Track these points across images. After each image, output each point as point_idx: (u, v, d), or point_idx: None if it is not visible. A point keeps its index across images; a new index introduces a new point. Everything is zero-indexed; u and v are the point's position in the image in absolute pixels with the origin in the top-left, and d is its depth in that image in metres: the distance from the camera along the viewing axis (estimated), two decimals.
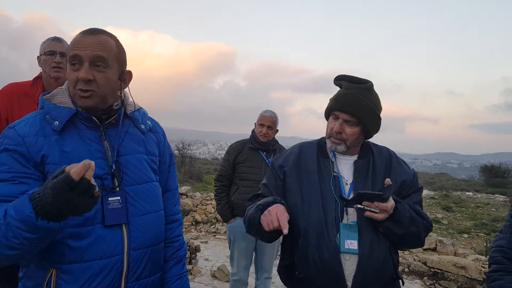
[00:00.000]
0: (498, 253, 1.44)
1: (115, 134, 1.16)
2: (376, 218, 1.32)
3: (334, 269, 1.33)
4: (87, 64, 1.06)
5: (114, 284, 1.08)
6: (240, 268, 2.96)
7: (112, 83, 1.12)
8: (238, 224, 2.94)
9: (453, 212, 9.60)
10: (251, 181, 2.90)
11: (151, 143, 1.25)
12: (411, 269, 4.97)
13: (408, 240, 1.40)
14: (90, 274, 1.05)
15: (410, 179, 1.48)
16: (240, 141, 3.16)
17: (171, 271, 1.26)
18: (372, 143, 1.58)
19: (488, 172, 19.44)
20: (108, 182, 1.11)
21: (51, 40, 2.20)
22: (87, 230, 1.06)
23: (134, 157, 1.17)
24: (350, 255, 1.34)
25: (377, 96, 1.47)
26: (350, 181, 1.45)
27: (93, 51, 1.06)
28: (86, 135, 1.12)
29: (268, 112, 3.03)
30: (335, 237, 1.35)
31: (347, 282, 1.33)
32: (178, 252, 1.29)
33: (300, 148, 1.56)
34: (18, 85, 2.20)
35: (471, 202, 11.33)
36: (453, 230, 7.71)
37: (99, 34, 1.10)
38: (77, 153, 1.08)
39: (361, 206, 1.31)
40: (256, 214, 1.35)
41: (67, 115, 1.10)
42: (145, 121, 1.26)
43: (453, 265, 4.63)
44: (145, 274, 1.15)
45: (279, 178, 1.50)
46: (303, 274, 1.38)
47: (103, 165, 1.11)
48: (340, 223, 1.37)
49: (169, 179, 1.31)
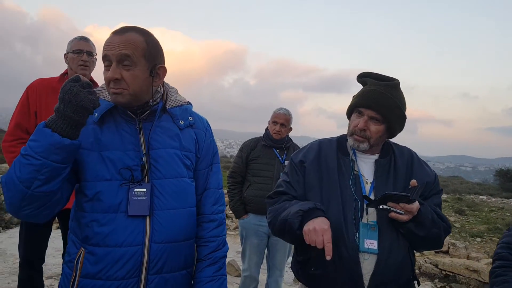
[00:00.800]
0: (505, 250, 1.44)
1: (149, 128, 1.18)
2: (401, 220, 1.29)
3: (352, 268, 1.32)
4: (114, 64, 1.10)
5: (133, 273, 1.11)
6: (252, 264, 2.97)
7: (140, 80, 1.13)
8: (251, 220, 2.95)
9: (466, 216, 9.44)
10: (264, 177, 2.91)
11: (187, 139, 1.24)
12: (422, 271, 4.92)
13: (428, 242, 1.38)
14: (110, 259, 1.09)
15: (431, 181, 1.45)
16: (253, 138, 3.16)
17: (204, 271, 1.24)
18: (393, 143, 1.55)
19: (503, 176, 18.99)
20: (137, 173, 1.14)
21: (78, 39, 2.31)
22: (110, 217, 1.11)
23: (166, 151, 1.18)
24: (369, 255, 1.33)
25: (403, 94, 1.44)
26: (371, 180, 1.43)
27: (118, 50, 1.09)
28: (122, 128, 1.17)
29: (282, 109, 3.02)
30: (354, 236, 1.33)
31: (364, 281, 1.32)
32: (214, 253, 1.25)
33: (319, 145, 1.53)
34: (46, 80, 2.31)
35: (485, 206, 11.11)
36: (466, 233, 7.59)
37: (126, 33, 1.12)
38: (110, 142, 1.14)
39: (387, 207, 1.28)
40: (296, 220, 1.30)
41: (105, 108, 1.16)
42: (186, 117, 1.26)
43: (466, 268, 4.56)
44: (167, 269, 1.15)
45: (300, 174, 1.48)
46: (320, 271, 1.37)
47: (133, 156, 1.15)
48: (360, 222, 1.35)
49: (210, 178, 1.29)
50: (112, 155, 1.13)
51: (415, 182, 1.31)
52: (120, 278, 1.09)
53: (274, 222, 1.42)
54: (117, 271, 1.09)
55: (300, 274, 1.48)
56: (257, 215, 2.93)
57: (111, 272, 1.09)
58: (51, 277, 3.58)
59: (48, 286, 3.32)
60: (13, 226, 5.61)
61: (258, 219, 2.93)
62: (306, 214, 1.30)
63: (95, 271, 1.09)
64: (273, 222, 1.43)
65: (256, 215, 2.94)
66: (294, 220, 1.31)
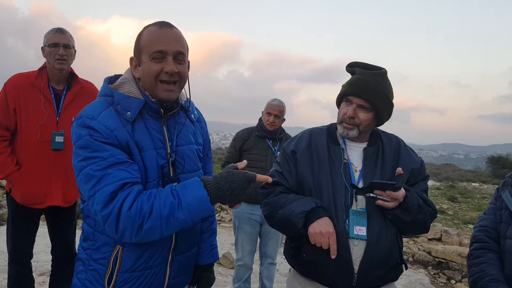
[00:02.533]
0: (481, 232, 1.48)
1: (173, 125, 1.24)
2: (387, 207, 1.34)
3: (342, 254, 1.35)
4: (171, 58, 1.11)
5: (164, 259, 1.22)
6: (245, 253, 3.00)
7: (186, 74, 1.18)
8: (243, 209, 2.97)
9: (458, 203, 9.56)
10: (257, 168, 2.90)
11: (198, 133, 1.35)
12: (415, 259, 4.98)
13: (415, 227, 1.43)
14: (150, 253, 1.18)
15: (418, 167, 1.49)
16: (247, 128, 3.16)
17: (207, 241, 1.45)
18: (382, 131, 1.58)
19: (495, 163, 19.26)
20: (166, 170, 1.19)
21: (54, 32, 2.22)
22: None
23: (189, 148, 1.27)
24: (359, 241, 1.36)
25: (390, 83, 1.47)
26: (360, 168, 1.46)
27: (176, 46, 1.13)
28: (150, 125, 1.18)
29: (276, 101, 3.02)
30: (344, 223, 1.37)
31: (354, 266, 1.36)
32: (212, 225, 1.48)
33: (310, 134, 1.56)
34: (24, 75, 2.23)
35: (477, 193, 11.27)
36: (459, 220, 7.70)
37: (174, 28, 1.16)
38: (143, 141, 1.15)
39: (373, 195, 1.32)
40: (300, 220, 1.36)
41: (138, 106, 1.14)
42: (194, 112, 1.34)
43: (458, 255, 4.63)
44: (187, 248, 1.30)
45: (292, 164, 1.51)
46: (311, 257, 1.41)
47: (163, 154, 1.19)
48: (350, 209, 1.39)
49: (207, 164, 1.45)
50: (149, 155, 1.16)
51: (400, 170, 1.34)
52: (153, 266, 1.20)
53: (273, 216, 1.46)
54: (151, 260, 1.19)
55: (293, 260, 1.51)
56: (250, 204, 2.95)
57: (146, 263, 1.18)
58: (44, 274, 3.54)
59: (41, 282, 3.28)
60: (4, 223, 5.55)
61: (251, 207, 2.95)
62: (310, 214, 1.36)
63: (136, 266, 1.17)
64: (271, 216, 1.47)
65: (248, 204, 2.95)
66: (298, 220, 1.37)
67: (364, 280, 1.36)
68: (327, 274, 1.39)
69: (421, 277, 4.51)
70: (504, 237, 1.40)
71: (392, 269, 1.43)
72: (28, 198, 2.19)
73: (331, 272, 1.38)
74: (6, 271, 2.37)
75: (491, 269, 1.35)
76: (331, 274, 1.38)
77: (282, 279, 3.93)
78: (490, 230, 1.46)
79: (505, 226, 1.41)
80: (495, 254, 1.41)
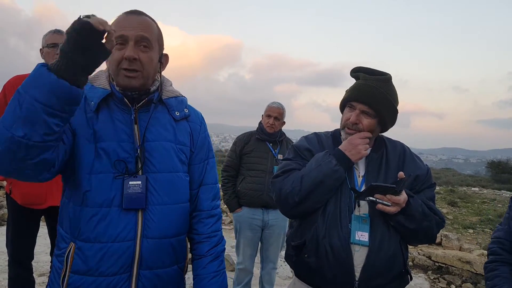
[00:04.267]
0: (495, 244, 1.47)
1: (146, 119, 1.15)
2: (388, 211, 1.31)
3: (343, 258, 1.33)
4: (132, 43, 1.08)
5: (126, 269, 1.08)
6: (246, 257, 2.99)
7: (154, 64, 1.13)
8: (244, 213, 2.96)
9: (458, 208, 9.55)
10: (258, 171, 2.91)
11: (182, 132, 1.21)
12: (415, 263, 4.97)
13: (419, 235, 1.39)
14: (102, 256, 1.06)
15: (423, 174, 1.46)
16: (247, 132, 3.17)
17: (207, 267, 1.21)
18: (386, 138, 1.57)
19: (495, 167, 19.26)
20: (131, 165, 1.10)
21: (52, 32, 2.26)
22: (103, 212, 1.07)
23: (161, 144, 1.15)
24: (360, 247, 1.34)
25: (394, 89, 1.46)
26: (363, 174, 1.45)
27: (138, 31, 1.08)
28: (117, 117, 1.13)
29: (276, 103, 3.03)
30: (347, 227, 1.35)
31: (355, 272, 1.33)
32: (216, 248, 1.24)
33: (317, 137, 1.56)
34: (23, 77, 2.27)
35: (477, 197, 11.25)
36: (458, 225, 7.68)
37: (142, 15, 1.13)
38: (105, 133, 1.10)
39: (373, 198, 1.30)
40: (330, 158, 1.38)
41: (100, 96, 1.11)
42: (181, 108, 1.22)
43: (458, 259, 4.62)
44: (158, 264, 1.13)
45: (306, 160, 1.48)
46: (313, 259, 1.38)
47: (128, 148, 1.11)
48: (352, 214, 1.37)
49: (207, 173, 1.26)
50: (107, 147, 1.09)
51: (402, 174, 1.32)
52: (112, 274, 1.07)
53: (299, 185, 1.37)
54: (110, 267, 1.07)
55: (294, 261, 1.48)
56: (251, 208, 2.94)
57: (103, 268, 1.06)
58: (44, 275, 3.54)
59: (41, 283, 3.28)
60: (4, 223, 5.55)
61: (252, 212, 2.94)
62: (333, 153, 1.40)
63: (86, 268, 1.06)
64: (296, 187, 1.38)
65: (250, 208, 2.95)
66: (326, 161, 1.38)
67: (365, 287, 1.33)
68: (328, 278, 1.36)
69: (421, 282, 4.50)
70: None
71: (395, 279, 1.39)
72: (28, 198, 2.19)
73: (331, 276, 1.35)
74: (6, 271, 2.37)
75: (504, 283, 1.34)
76: (331, 278, 1.36)
77: (282, 282, 3.92)
78: (504, 242, 1.44)
79: None
80: (509, 266, 1.39)
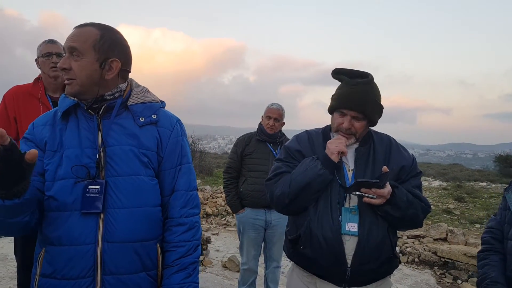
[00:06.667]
0: (488, 234, 1.54)
1: (108, 125, 1.18)
2: (374, 203, 1.41)
3: (336, 248, 1.43)
4: (67, 55, 1.15)
5: (87, 273, 1.09)
6: (250, 257, 3.03)
7: (87, 71, 1.14)
8: (247, 214, 2.99)
9: (465, 203, 9.49)
10: (259, 172, 2.94)
11: (148, 137, 1.19)
12: (421, 259, 4.97)
13: (406, 221, 1.49)
14: (63, 258, 1.09)
15: (408, 165, 1.54)
16: (247, 133, 3.21)
17: (171, 278, 1.16)
18: (374, 131, 1.64)
19: (503, 162, 19.01)
20: (93, 171, 1.13)
21: (46, 43, 2.34)
22: (64, 216, 1.11)
23: (121, 148, 1.15)
24: (351, 237, 1.44)
25: (377, 87, 1.54)
26: (352, 168, 1.53)
27: (69, 42, 1.15)
28: (82, 125, 1.19)
29: (275, 105, 3.07)
30: (338, 220, 1.44)
31: (347, 260, 1.43)
32: (183, 259, 1.17)
33: (308, 135, 1.64)
34: (21, 87, 2.35)
35: (485, 192, 11.16)
36: (465, 220, 7.64)
37: (83, 27, 1.17)
38: (69, 141, 1.17)
39: (360, 193, 1.40)
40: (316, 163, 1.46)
41: (67, 105, 1.19)
42: (148, 114, 1.21)
43: (464, 254, 4.61)
44: (122, 270, 1.11)
45: (297, 161, 1.57)
46: (308, 250, 1.48)
47: (90, 154, 1.15)
48: (342, 207, 1.47)
49: (179, 179, 1.22)
50: (70, 153, 1.14)
51: (386, 168, 1.39)
52: (74, 278, 1.08)
53: (288, 189, 1.49)
54: (70, 270, 1.08)
55: (291, 252, 1.59)
56: (254, 209, 2.98)
57: (65, 271, 1.08)
58: None
59: None
60: None
61: (255, 213, 2.98)
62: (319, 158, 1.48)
63: (51, 271, 1.10)
64: (286, 190, 1.49)
65: (252, 209, 2.98)
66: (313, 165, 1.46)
67: (357, 273, 1.43)
68: (323, 266, 1.46)
69: (427, 277, 4.50)
70: (507, 238, 1.43)
71: (385, 263, 1.48)
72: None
73: (326, 264, 1.45)
74: (15, 278, 2.42)
75: (492, 271, 1.41)
76: (326, 267, 1.46)
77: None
78: (495, 231, 1.51)
79: (508, 227, 1.45)
80: (499, 255, 1.45)
